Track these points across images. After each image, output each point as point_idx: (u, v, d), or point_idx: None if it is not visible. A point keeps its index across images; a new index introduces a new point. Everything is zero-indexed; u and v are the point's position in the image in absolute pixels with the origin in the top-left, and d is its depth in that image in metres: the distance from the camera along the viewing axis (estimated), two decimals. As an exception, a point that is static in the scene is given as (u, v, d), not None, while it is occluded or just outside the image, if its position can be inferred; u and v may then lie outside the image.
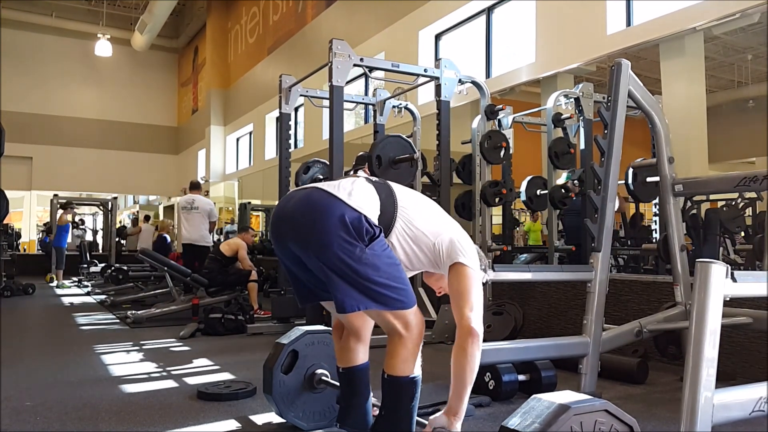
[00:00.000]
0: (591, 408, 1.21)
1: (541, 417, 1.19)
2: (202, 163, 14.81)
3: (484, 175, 4.52)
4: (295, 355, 2.19)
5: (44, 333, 5.01)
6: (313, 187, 1.66)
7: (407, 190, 1.78)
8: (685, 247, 2.96)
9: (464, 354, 1.58)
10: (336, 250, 1.53)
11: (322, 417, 2.25)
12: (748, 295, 1.77)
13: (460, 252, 1.66)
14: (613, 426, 1.22)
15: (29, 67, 14.65)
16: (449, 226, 1.74)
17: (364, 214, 1.58)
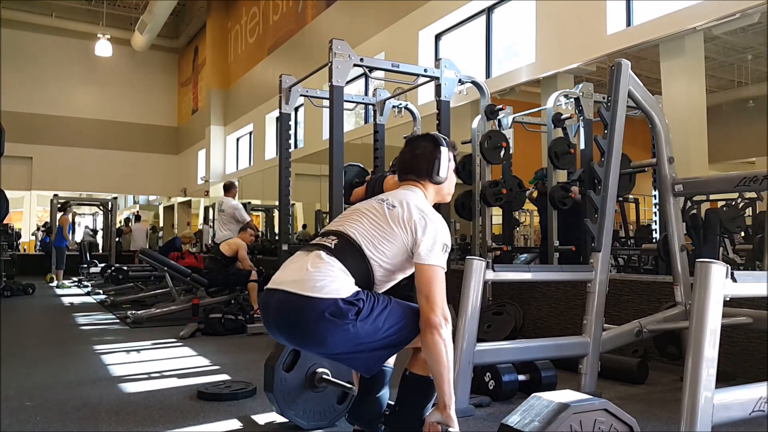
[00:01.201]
0: (591, 407, 1.21)
1: (540, 415, 1.19)
2: (202, 163, 14.82)
3: (484, 175, 4.52)
4: (297, 354, 2.19)
5: (44, 333, 5.01)
6: (282, 292, 1.65)
7: (365, 227, 1.70)
8: (684, 247, 2.96)
9: (427, 347, 1.62)
10: (332, 341, 1.59)
11: (322, 416, 2.25)
12: (748, 295, 1.77)
13: (421, 251, 1.66)
14: (613, 425, 1.22)
15: (29, 67, 14.65)
16: (406, 220, 1.69)
17: (338, 298, 1.58)
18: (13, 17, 14.13)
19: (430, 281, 1.63)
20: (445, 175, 1.86)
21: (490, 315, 4.06)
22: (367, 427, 1.83)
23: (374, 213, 1.74)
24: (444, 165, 1.85)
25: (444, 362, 1.60)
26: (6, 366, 3.39)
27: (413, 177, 1.85)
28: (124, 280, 7.66)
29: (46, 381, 3.08)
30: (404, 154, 1.90)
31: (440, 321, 1.60)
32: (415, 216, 1.70)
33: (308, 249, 1.73)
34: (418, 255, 1.66)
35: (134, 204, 20.07)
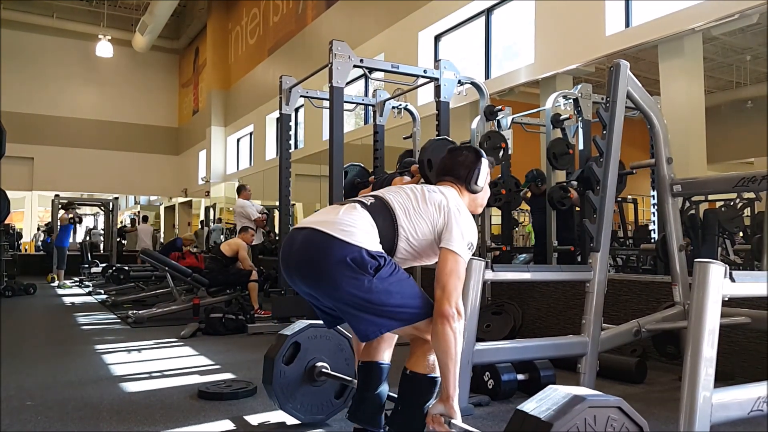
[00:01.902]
0: (606, 403, 1.22)
1: (557, 405, 1.20)
2: (203, 163, 14.83)
3: (484, 175, 4.53)
4: (297, 347, 2.20)
5: (45, 333, 5.02)
6: (311, 229, 1.68)
7: (402, 198, 1.76)
8: (683, 246, 2.97)
9: (436, 336, 1.62)
10: (345, 288, 1.59)
11: (319, 410, 2.26)
12: (746, 295, 1.78)
13: (450, 236, 1.69)
14: (625, 424, 1.23)
15: (30, 68, 14.67)
16: (443, 206, 1.74)
17: (363, 248, 1.61)
18: (13, 18, 14.15)
19: (451, 272, 1.65)
20: (482, 186, 1.89)
21: (490, 315, 4.07)
22: (368, 424, 1.84)
23: (413, 191, 1.79)
24: (483, 176, 1.88)
25: (452, 354, 1.61)
26: (7, 365, 3.40)
27: (451, 179, 1.88)
28: (125, 280, 7.67)
29: (46, 381, 3.09)
30: (444, 160, 1.93)
31: (453, 313, 1.61)
32: (451, 205, 1.74)
33: (342, 202, 1.77)
34: (446, 240, 1.68)
35: (135, 204, 20.09)
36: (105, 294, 7.65)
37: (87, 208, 16.02)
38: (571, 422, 1.16)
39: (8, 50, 13.94)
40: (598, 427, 1.20)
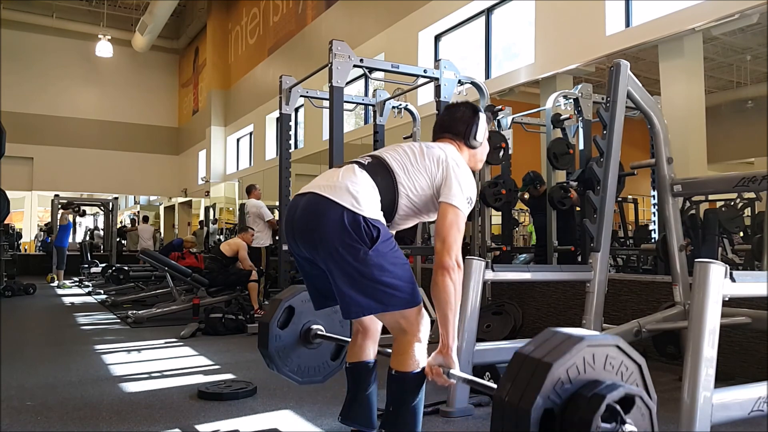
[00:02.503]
0: (604, 342, 1.24)
1: (555, 345, 1.21)
2: (203, 163, 14.84)
3: (484, 175, 4.53)
4: (291, 311, 2.21)
5: (45, 333, 5.02)
6: (311, 193, 1.68)
7: (399, 156, 1.76)
8: (683, 247, 2.97)
9: (437, 287, 1.63)
10: (342, 254, 1.59)
11: (316, 372, 2.27)
12: (746, 295, 1.78)
13: (449, 190, 1.69)
14: (623, 362, 1.25)
15: (30, 68, 14.67)
16: (442, 160, 1.73)
17: (362, 215, 1.61)
18: (13, 18, 14.15)
19: (451, 224, 1.65)
20: (481, 140, 1.89)
21: (490, 315, 4.07)
22: (362, 425, 1.84)
23: (411, 148, 1.79)
24: (481, 130, 1.87)
25: (451, 305, 1.62)
26: (7, 366, 3.40)
27: (449, 136, 1.87)
28: (124, 280, 7.67)
29: (46, 381, 3.09)
30: (441, 117, 1.92)
31: (453, 264, 1.62)
32: (450, 160, 1.74)
33: (340, 165, 1.76)
34: (445, 194, 1.69)
35: (135, 204, 20.10)
36: (105, 294, 7.65)
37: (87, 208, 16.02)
38: (571, 361, 1.18)
39: (8, 50, 13.94)
40: (597, 365, 1.22)
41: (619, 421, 1.16)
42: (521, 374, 1.20)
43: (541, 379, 1.15)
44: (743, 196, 3.91)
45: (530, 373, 1.18)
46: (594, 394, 1.16)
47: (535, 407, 1.13)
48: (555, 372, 1.16)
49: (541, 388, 1.14)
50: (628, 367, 1.26)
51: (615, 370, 1.24)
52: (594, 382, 1.19)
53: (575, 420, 1.15)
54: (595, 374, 1.20)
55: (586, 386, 1.18)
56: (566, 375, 1.17)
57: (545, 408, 1.15)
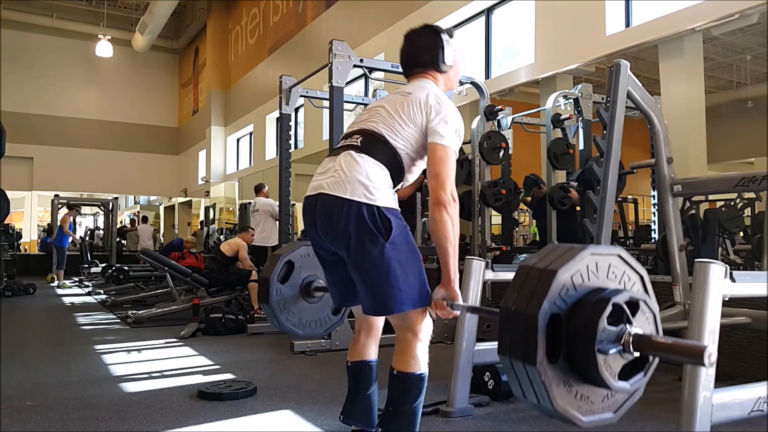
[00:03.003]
0: (606, 251, 1.26)
1: (559, 255, 1.23)
2: (203, 163, 14.84)
3: (484, 175, 4.54)
4: (291, 266, 2.22)
5: (45, 333, 5.02)
6: (322, 194, 1.68)
7: (383, 120, 1.74)
8: (683, 247, 2.97)
9: (434, 222, 1.64)
10: (361, 248, 1.61)
11: (317, 325, 2.29)
12: (746, 295, 1.79)
13: (435, 130, 1.69)
14: (625, 272, 1.27)
15: (30, 68, 14.67)
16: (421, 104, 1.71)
17: (376, 205, 1.63)
18: (13, 18, 14.15)
19: (442, 160, 1.66)
20: (452, 63, 1.85)
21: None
22: (363, 424, 1.84)
23: (387, 106, 1.77)
24: (449, 52, 1.84)
25: (450, 239, 1.63)
26: (7, 366, 3.40)
27: (420, 70, 1.84)
28: (124, 280, 7.67)
29: (46, 381, 3.09)
30: (405, 49, 1.87)
31: (449, 199, 1.63)
32: (431, 100, 1.72)
33: (335, 153, 1.75)
34: (432, 133, 1.68)
35: (135, 204, 20.10)
36: (105, 294, 7.64)
37: (87, 208, 16.02)
38: (575, 268, 1.20)
39: (8, 50, 13.94)
40: (601, 274, 1.24)
41: (625, 320, 1.18)
42: (527, 284, 1.22)
43: (546, 286, 1.17)
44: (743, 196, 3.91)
45: (535, 282, 1.20)
46: (599, 299, 1.18)
47: (542, 313, 1.14)
48: (560, 278, 1.17)
49: (547, 294, 1.16)
50: (630, 277, 1.27)
51: (618, 278, 1.26)
52: (598, 289, 1.21)
53: (582, 323, 1.17)
54: (599, 282, 1.22)
55: (591, 292, 1.20)
56: (571, 282, 1.19)
57: (552, 313, 1.16)
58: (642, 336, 1.19)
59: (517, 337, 1.19)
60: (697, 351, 1.11)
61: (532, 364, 1.15)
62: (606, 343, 1.16)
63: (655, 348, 1.19)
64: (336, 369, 3.26)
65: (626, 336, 1.17)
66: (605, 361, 1.16)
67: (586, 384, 1.20)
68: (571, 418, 1.19)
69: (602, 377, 1.17)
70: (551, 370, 1.16)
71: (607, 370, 1.17)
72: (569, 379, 1.19)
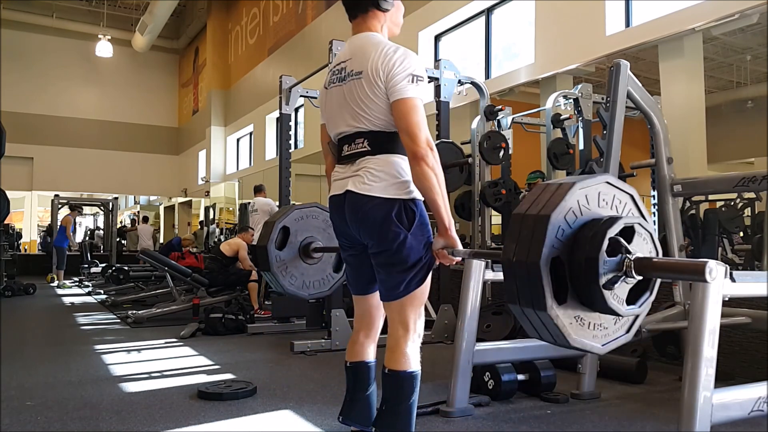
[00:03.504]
0: (593, 182, 1.27)
1: (549, 197, 1.25)
2: (203, 163, 14.83)
3: (484, 175, 4.53)
4: (287, 231, 2.23)
5: (45, 333, 5.02)
6: (350, 192, 1.70)
7: (360, 108, 1.71)
8: (683, 247, 2.97)
9: (417, 177, 1.64)
10: (387, 240, 1.65)
11: (321, 284, 2.31)
12: (746, 295, 1.78)
13: (394, 87, 1.64)
14: (615, 195, 1.29)
15: (30, 68, 14.67)
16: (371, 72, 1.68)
17: (400, 198, 1.66)
18: (13, 18, 14.15)
19: (407, 113, 1.63)
20: (392, 1, 1.83)
21: (490, 315, 4.07)
22: (362, 424, 1.85)
23: (346, 95, 1.73)
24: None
25: (436, 189, 1.62)
26: (7, 365, 3.40)
27: (360, 14, 1.83)
28: (124, 280, 7.67)
29: (46, 380, 3.09)
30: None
31: (425, 150, 1.61)
32: (378, 61, 1.68)
33: (350, 160, 1.74)
34: (392, 92, 1.65)
35: (135, 204, 20.10)
36: (105, 294, 7.65)
37: (87, 208, 16.02)
38: (566, 207, 1.21)
39: (8, 50, 13.94)
40: (592, 204, 1.25)
41: (623, 251, 1.20)
42: (523, 232, 1.23)
43: (542, 232, 1.18)
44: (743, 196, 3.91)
45: (531, 229, 1.21)
46: (595, 233, 1.19)
47: (543, 259, 1.16)
48: (554, 222, 1.18)
49: (544, 240, 1.17)
50: (621, 200, 1.30)
51: (609, 204, 1.28)
52: (592, 221, 1.22)
53: (583, 261, 1.19)
54: (592, 213, 1.24)
55: (586, 226, 1.22)
56: (565, 222, 1.21)
57: (552, 257, 1.18)
58: (642, 259, 1.21)
59: (524, 286, 1.20)
60: (698, 267, 1.13)
61: (543, 310, 1.17)
62: (609, 275, 1.18)
63: (657, 269, 1.21)
64: (336, 369, 3.26)
65: (627, 262, 1.19)
66: (612, 293, 1.18)
67: (597, 313, 1.22)
68: (589, 349, 1.21)
69: (611, 308, 1.19)
70: (561, 310, 1.18)
71: (614, 299, 1.19)
72: (580, 314, 1.21)
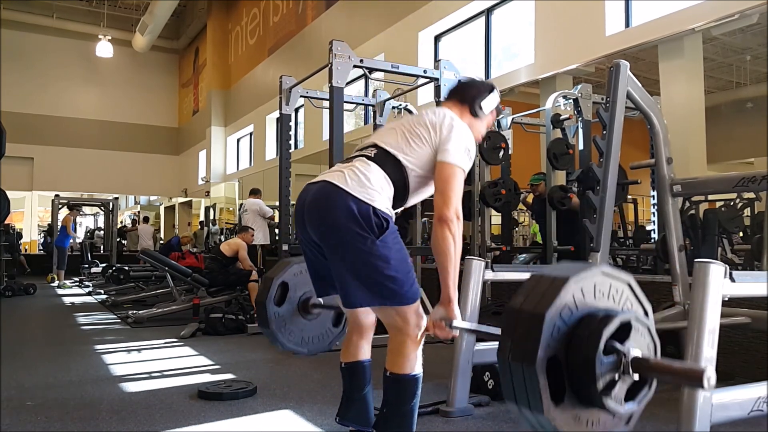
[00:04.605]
0: (589, 274, 1.25)
1: (543, 291, 1.22)
2: (203, 163, 14.84)
3: (483, 175, 4.54)
4: (285, 287, 2.21)
5: (45, 333, 5.02)
6: (324, 181, 1.70)
7: (398, 138, 1.76)
8: (683, 247, 2.97)
9: (436, 239, 1.64)
10: (350, 242, 1.60)
11: (320, 340, 2.29)
12: (746, 295, 1.78)
13: (445, 148, 1.70)
14: (611, 285, 1.27)
15: (30, 68, 14.67)
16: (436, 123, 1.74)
17: (373, 205, 1.62)
18: (13, 18, 14.15)
19: (449, 178, 1.67)
20: (486, 113, 1.88)
21: (490, 315, 4.07)
22: (359, 425, 1.85)
23: (403, 125, 1.79)
24: (490, 102, 1.87)
25: (451, 257, 1.63)
26: (7, 365, 3.40)
27: (456, 99, 1.88)
28: (125, 280, 7.67)
29: (47, 380, 3.09)
30: (456, 85, 1.93)
31: (452, 217, 1.63)
32: (446, 121, 1.75)
33: (348, 160, 1.77)
34: (442, 152, 1.70)
35: (135, 204, 20.10)
36: (105, 294, 7.65)
37: (87, 208, 16.03)
38: (561, 303, 1.19)
39: (8, 50, 13.93)
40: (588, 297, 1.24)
41: (620, 354, 1.18)
42: (519, 328, 1.21)
43: (537, 332, 1.16)
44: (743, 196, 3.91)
45: (526, 328, 1.19)
46: (591, 333, 1.17)
47: (539, 362, 1.14)
48: (549, 320, 1.16)
49: (540, 341, 1.15)
50: (618, 289, 1.27)
51: (606, 294, 1.25)
52: (589, 317, 1.20)
53: (580, 362, 1.17)
54: (588, 307, 1.21)
55: (582, 323, 1.19)
56: (560, 318, 1.18)
57: (548, 357, 1.16)
58: (640, 360, 1.19)
59: (520, 388, 1.18)
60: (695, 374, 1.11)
61: (540, 413, 1.15)
62: (606, 376, 1.17)
63: (654, 370, 1.19)
64: (336, 369, 3.22)
65: (624, 361, 1.18)
66: (609, 394, 1.17)
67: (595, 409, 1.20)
68: None
69: (609, 409, 1.17)
70: (559, 412, 1.16)
71: (612, 400, 1.17)
72: (578, 413, 1.20)
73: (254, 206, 6.91)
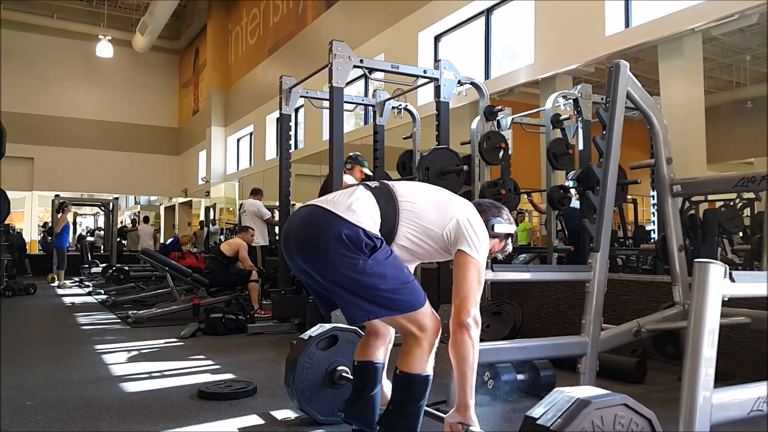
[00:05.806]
0: (611, 402, 1.22)
1: (563, 411, 1.20)
2: (203, 163, 14.84)
3: (483, 175, 4.53)
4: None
5: (45, 333, 5.02)
6: (313, 205, 1.70)
7: (409, 186, 1.77)
8: (683, 247, 2.97)
9: (456, 346, 1.63)
10: (339, 267, 1.58)
11: (337, 412, 2.27)
12: (746, 295, 1.78)
13: (465, 238, 1.68)
14: (632, 419, 1.24)
15: (30, 68, 14.67)
16: (456, 208, 1.74)
17: (361, 227, 1.61)
18: (14, 18, 14.15)
19: (469, 279, 1.65)
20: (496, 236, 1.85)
21: (489, 315, 4.07)
22: (363, 425, 1.84)
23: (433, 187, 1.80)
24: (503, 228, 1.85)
25: (470, 362, 1.62)
26: (7, 365, 3.40)
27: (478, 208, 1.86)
28: (125, 280, 7.68)
29: (47, 380, 3.09)
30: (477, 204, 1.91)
31: (471, 323, 1.63)
32: (470, 213, 1.74)
33: (346, 188, 1.80)
34: (463, 243, 1.67)
35: (135, 204, 20.10)
36: (105, 294, 7.65)
37: (87, 208, 16.04)
38: (580, 426, 1.17)
39: (8, 51, 13.94)
40: (607, 427, 1.20)
41: None
42: None
43: None
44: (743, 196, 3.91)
45: None
46: None
47: None
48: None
49: None
50: (638, 424, 1.24)
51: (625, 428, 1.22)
52: None
53: None
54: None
55: None
56: None
57: None
58: None
59: None
60: None
61: None
62: None
63: None
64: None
65: None
66: None
67: None
68: None
69: None
70: None
71: None
72: None
73: (252, 207, 6.92)
